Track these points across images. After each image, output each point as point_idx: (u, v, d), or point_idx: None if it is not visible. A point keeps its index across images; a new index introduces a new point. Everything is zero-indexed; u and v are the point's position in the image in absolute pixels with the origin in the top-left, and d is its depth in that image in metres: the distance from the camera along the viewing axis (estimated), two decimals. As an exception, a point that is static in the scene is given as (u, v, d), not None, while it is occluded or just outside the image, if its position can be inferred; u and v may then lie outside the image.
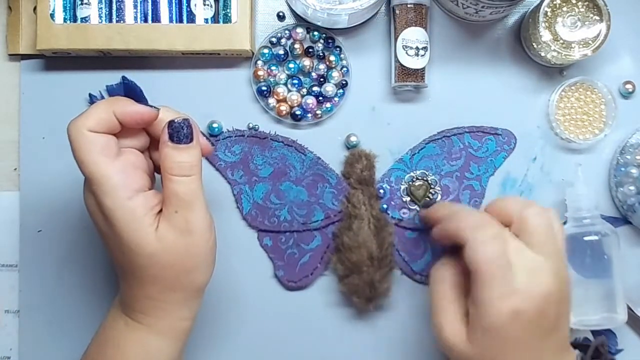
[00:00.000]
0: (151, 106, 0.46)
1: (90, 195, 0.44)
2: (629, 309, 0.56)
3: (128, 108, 0.44)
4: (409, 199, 0.57)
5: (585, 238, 0.53)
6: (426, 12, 0.56)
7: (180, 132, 0.44)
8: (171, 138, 0.44)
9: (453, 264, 0.48)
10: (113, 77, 0.58)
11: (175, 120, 0.44)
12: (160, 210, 0.44)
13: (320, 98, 0.57)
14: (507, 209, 0.47)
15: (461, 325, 0.45)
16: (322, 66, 0.57)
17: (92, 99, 0.58)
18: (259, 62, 0.57)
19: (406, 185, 0.57)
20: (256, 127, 0.58)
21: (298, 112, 0.57)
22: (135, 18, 0.56)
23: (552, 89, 0.58)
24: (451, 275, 0.47)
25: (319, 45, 0.58)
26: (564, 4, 0.54)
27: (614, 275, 0.53)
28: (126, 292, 0.46)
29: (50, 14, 0.55)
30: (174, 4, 0.56)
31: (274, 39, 0.58)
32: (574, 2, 0.54)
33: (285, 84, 0.57)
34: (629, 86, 0.58)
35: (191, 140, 0.44)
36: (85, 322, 0.58)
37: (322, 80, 0.57)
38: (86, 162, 0.43)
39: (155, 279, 0.44)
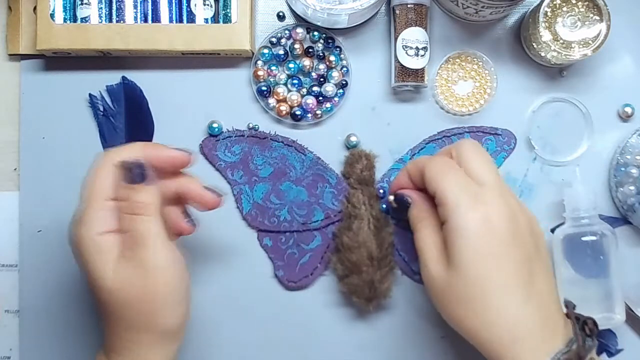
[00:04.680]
0: (180, 149, 0.48)
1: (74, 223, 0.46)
2: (629, 308, 0.56)
3: (163, 153, 0.46)
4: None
5: (584, 238, 0.53)
6: (426, 12, 0.56)
7: (132, 173, 0.45)
8: (124, 178, 0.45)
9: (430, 212, 0.49)
10: (113, 77, 0.58)
11: (128, 161, 0.45)
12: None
13: (320, 98, 0.57)
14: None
15: (443, 257, 0.46)
16: (322, 66, 0.57)
17: (92, 99, 0.58)
18: (259, 62, 0.57)
19: (406, 185, 0.57)
20: (256, 127, 0.58)
21: (298, 112, 0.57)
22: (135, 18, 0.56)
23: (552, 89, 0.58)
24: (429, 218, 0.49)
25: (319, 45, 0.58)
26: (564, 4, 0.54)
27: (612, 275, 0.53)
28: (103, 330, 0.46)
29: (50, 14, 0.55)
30: (174, 4, 0.56)
31: (274, 39, 0.58)
32: (574, 2, 0.54)
33: (285, 84, 0.57)
34: (628, 109, 0.58)
35: (144, 179, 0.45)
36: (85, 322, 0.58)
37: (322, 80, 0.57)
38: (84, 196, 0.46)
39: (118, 318, 0.44)
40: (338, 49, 0.58)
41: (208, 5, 0.56)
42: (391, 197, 0.53)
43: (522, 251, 0.45)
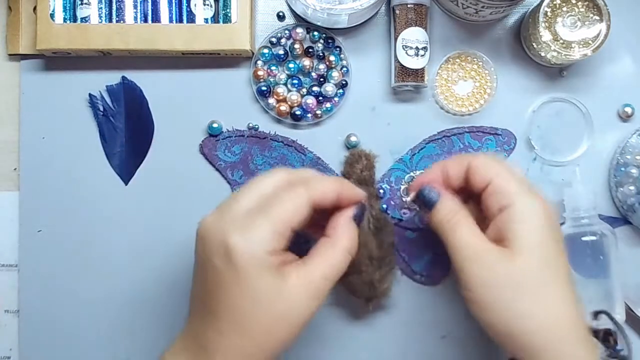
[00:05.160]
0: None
1: (222, 232, 0.43)
2: (629, 309, 0.56)
3: (354, 192, 0.47)
4: (409, 199, 0.57)
5: (584, 238, 0.53)
6: (426, 12, 0.56)
7: (362, 217, 0.47)
8: (355, 217, 0.46)
9: (463, 209, 0.47)
10: (113, 77, 0.58)
11: (364, 204, 0.47)
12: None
13: (320, 98, 0.57)
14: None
15: (499, 248, 0.44)
16: (322, 66, 0.57)
17: (92, 99, 0.58)
18: (259, 62, 0.57)
19: (406, 185, 0.57)
20: (256, 127, 0.58)
21: (298, 112, 0.57)
22: (135, 18, 0.56)
23: (552, 89, 0.58)
24: (465, 216, 0.47)
25: (319, 45, 0.58)
26: (564, 4, 0.54)
27: (612, 275, 0.53)
28: (209, 342, 0.43)
29: (50, 14, 0.55)
30: (174, 4, 0.56)
31: (274, 39, 0.58)
32: (574, 2, 0.54)
33: (285, 84, 0.57)
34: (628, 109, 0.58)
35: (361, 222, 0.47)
36: (85, 322, 0.58)
37: (322, 80, 0.57)
38: (270, 216, 0.43)
39: (260, 332, 0.42)
40: (338, 49, 0.58)
41: (208, 5, 0.56)
42: (412, 194, 0.50)
43: (565, 251, 0.46)
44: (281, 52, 0.57)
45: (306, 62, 0.57)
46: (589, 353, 0.43)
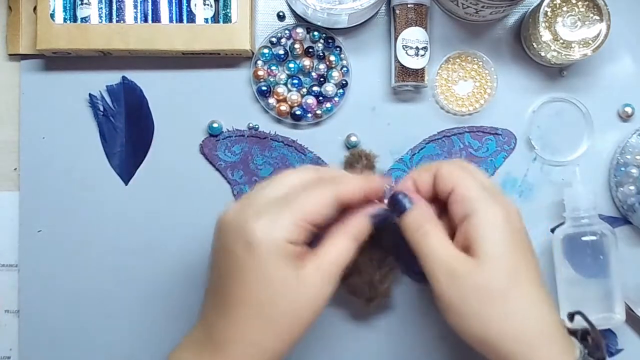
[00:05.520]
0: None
1: (244, 220, 0.43)
2: (629, 308, 0.56)
3: (376, 187, 0.47)
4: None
5: (584, 238, 0.53)
6: (426, 12, 0.56)
7: (383, 222, 0.47)
8: (374, 217, 0.47)
9: (433, 216, 0.47)
10: (113, 77, 0.58)
11: (392, 215, 0.47)
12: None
13: (320, 98, 0.57)
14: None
15: (466, 257, 0.44)
16: (322, 66, 0.57)
17: (92, 99, 0.58)
18: (259, 62, 0.57)
19: (406, 185, 0.57)
20: (256, 127, 0.58)
21: (298, 112, 0.57)
22: (135, 18, 0.56)
23: (552, 89, 0.58)
24: (435, 223, 0.46)
25: (319, 45, 0.58)
26: (564, 4, 0.54)
27: (612, 275, 0.53)
28: (221, 331, 0.43)
29: (50, 14, 0.55)
30: (174, 4, 0.56)
31: (274, 39, 0.58)
32: (574, 2, 0.54)
33: (285, 84, 0.57)
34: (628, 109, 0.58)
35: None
36: (85, 323, 0.58)
37: (322, 80, 0.57)
38: (294, 208, 0.43)
39: (275, 319, 0.43)
40: (338, 49, 0.58)
41: (208, 5, 0.56)
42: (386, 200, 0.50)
43: (534, 254, 0.45)
44: (281, 52, 0.57)
45: (306, 62, 0.57)
46: (564, 354, 0.43)
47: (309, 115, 0.57)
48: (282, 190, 0.44)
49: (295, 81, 0.57)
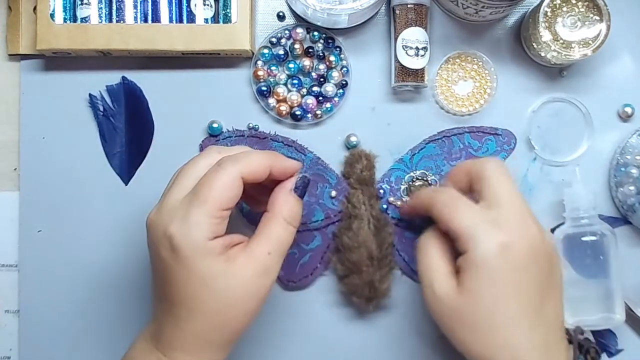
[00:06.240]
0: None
1: (163, 225, 0.44)
2: (629, 309, 0.56)
3: (286, 164, 0.47)
4: (409, 199, 0.57)
5: (583, 238, 0.53)
6: (426, 12, 0.56)
7: (305, 188, 0.47)
8: (297, 189, 0.47)
9: (438, 233, 0.48)
10: (113, 77, 0.58)
11: (307, 176, 0.47)
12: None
13: (320, 98, 0.57)
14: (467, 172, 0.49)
15: (451, 279, 0.45)
16: (322, 66, 0.57)
17: (92, 99, 0.58)
18: (259, 62, 0.57)
19: (406, 186, 0.57)
20: (256, 127, 0.58)
21: (298, 112, 0.57)
22: (135, 18, 0.56)
23: (552, 89, 0.58)
24: (437, 239, 0.48)
25: (319, 45, 0.58)
26: (564, 4, 0.54)
27: (612, 276, 0.53)
28: (167, 328, 0.45)
29: (50, 14, 0.55)
30: (174, 4, 0.56)
31: (274, 39, 0.58)
32: (574, 2, 0.54)
33: (285, 84, 0.57)
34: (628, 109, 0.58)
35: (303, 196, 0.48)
36: (85, 323, 0.58)
37: (322, 80, 0.57)
38: (199, 199, 0.44)
39: (215, 315, 0.44)
40: (338, 49, 0.58)
41: (208, 5, 0.56)
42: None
43: (537, 278, 0.45)
44: (281, 52, 0.57)
45: (306, 62, 0.57)
46: None
47: (309, 115, 0.57)
48: (189, 184, 0.45)
49: (295, 81, 0.57)
